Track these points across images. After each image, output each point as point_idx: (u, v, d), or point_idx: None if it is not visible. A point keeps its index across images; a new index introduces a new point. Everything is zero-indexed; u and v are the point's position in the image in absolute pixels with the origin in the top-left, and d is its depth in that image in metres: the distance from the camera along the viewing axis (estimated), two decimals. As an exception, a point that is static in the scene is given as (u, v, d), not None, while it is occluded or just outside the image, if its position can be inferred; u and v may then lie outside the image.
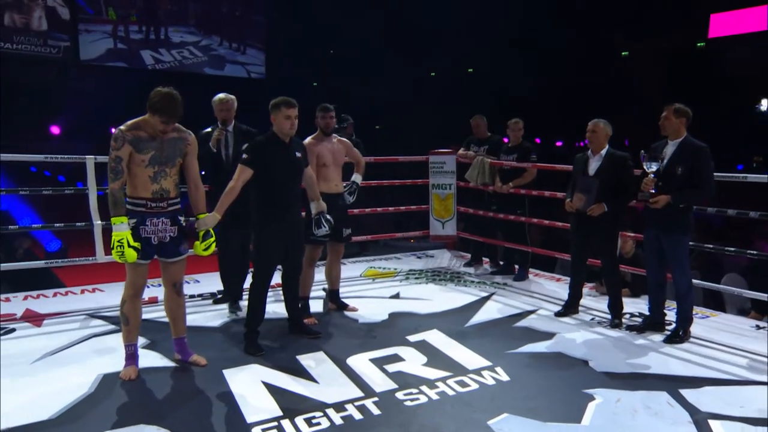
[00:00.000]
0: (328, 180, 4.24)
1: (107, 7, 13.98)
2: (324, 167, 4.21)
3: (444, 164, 6.38)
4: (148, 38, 14.63)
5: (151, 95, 3.11)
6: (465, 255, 6.45)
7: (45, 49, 12.40)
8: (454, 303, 4.69)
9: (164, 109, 3.09)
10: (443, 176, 6.39)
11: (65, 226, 4.77)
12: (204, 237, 3.34)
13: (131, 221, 3.14)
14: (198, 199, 3.35)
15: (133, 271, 3.20)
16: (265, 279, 3.70)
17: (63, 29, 12.82)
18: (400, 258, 6.44)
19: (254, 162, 3.55)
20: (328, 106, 4.32)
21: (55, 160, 4.66)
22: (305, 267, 4.13)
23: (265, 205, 3.64)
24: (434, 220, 6.47)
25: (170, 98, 3.09)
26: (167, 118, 3.10)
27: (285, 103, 3.61)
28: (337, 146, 4.34)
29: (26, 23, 12.35)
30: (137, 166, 3.12)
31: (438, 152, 6.43)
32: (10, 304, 4.57)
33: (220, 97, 4.31)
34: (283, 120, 3.61)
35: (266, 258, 3.67)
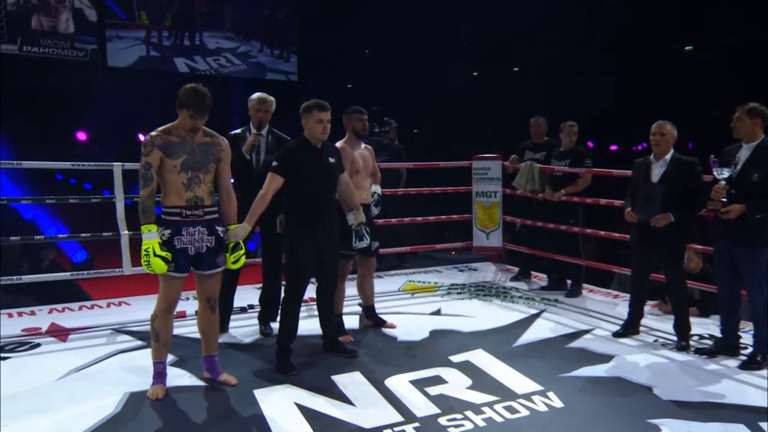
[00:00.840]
0: (361, 188, 4.23)
1: (140, 11, 14.00)
2: (357, 174, 4.21)
3: (489, 170, 6.33)
4: (182, 44, 14.56)
5: (178, 92, 3.19)
6: (512, 268, 6.40)
7: (72, 52, 12.79)
8: (500, 321, 4.63)
9: (190, 102, 3.15)
10: (488, 183, 6.34)
11: (91, 237, 4.88)
12: (234, 249, 3.37)
13: (165, 231, 3.18)
14: (229, 208, 3.38)
15: (167, 284, 3.24)
16: (298, 294, 3.70)
17: (90, 31, 13.18)
18: (441, 271, 6.41)
19: (285, 169, 3.57)
20: (361, 108, 4.32)
21: (82, 167, 4.79)
22: (339, 283, 4.13)
23: (298, 215, 3.65)
24: (478, 230, 6.42)
25: (196, 92, 3.16)
26: (194, 111, 3.15)
27: (317, 106, 3.63)
28: (366, 152, 4.35)
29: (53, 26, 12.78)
30: (169, 172, 3.17)
31: (482, 157, 6.39)
32: (35, 318, 4.70)
33: (259, 97, 4.22)
34: (314, 124, 3.62)
35: (299, 271, 3.67)
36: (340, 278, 4.18)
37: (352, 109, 4.30)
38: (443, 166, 6.49)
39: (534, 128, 5.90)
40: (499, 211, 6.33)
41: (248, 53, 15.29)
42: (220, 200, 3.38)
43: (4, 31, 11.94)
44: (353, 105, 4.35)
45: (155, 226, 3.16)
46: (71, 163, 4.86)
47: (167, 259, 3.14)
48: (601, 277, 5.91)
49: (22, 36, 12.10)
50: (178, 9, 14.60)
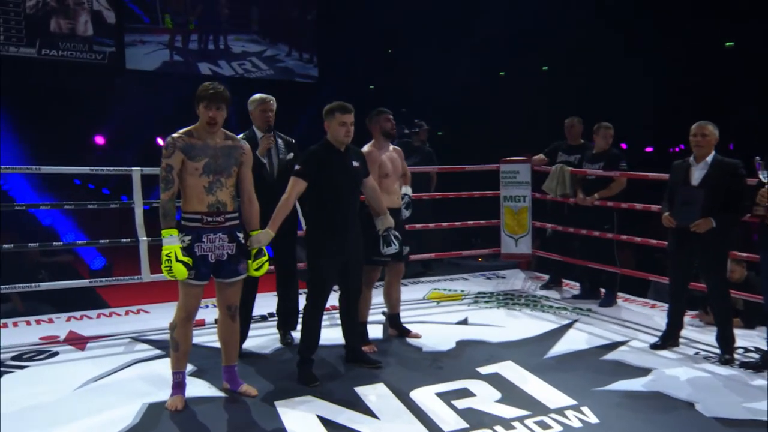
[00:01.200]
0: (390, 192, 4.24)
1: (164, 15, 13.95)
2: (385, 178, 4.21)
3: (517, 174, 6.29)
4: (206, 48, 14.43)
5: (197, 91, 3.25)
6: (542, 276, 6.34)
7: (90, 55, 12.99)
8: (530, 331, 4.59)
9: (205, 94, 3.20)
10: (516, 187, 6.30)
11: (110, 243, 4.94)
12: (256, 256, 3.37)
13: (186, 238, 3.20)
14: (251, 214, 3.40)
15: (187, 292, 3.26)
16: (320, 302, 3.70)
17: (108, 34, 13.33)
18: (468, 279, 6.39)
19: (308, 173, 3.58)
20: (386, 109, 4.32)
21: (100, 172, 4.85)
22: (363, 289, 4.12)
23: (320, 220, 3.66)
24: (506, 236, 6.38)
25: (210, 85, 3.23)
26: (207, 101, 3.19)
27: (340, 108, 3.64)
28: (394, 155, 4.35)
29: (72, 28, 13.00)
30: (191, 175, 3.19)
31: (510, 160, 6.35)
32: (53, 326, 4.77)
33: (262, 97, 4.17)
34: (337, 127, 3.63)
35: (321, 278, 3.67)
36: (367, 285, 4.18)
37: (377, 110, 4.30)
38: (469, 170, 6.47)
39: (569, 129, 5.85)
40: (528, 217, 6.28)
41: (275, 57, 15.05)
42: (241, 205, 3.40)
43: (23, 34, 12.17)
44: (375, 107, 4.36)
45: (176, 231, 3.18)
46: (90, 168, 4.93)
47: (189, 264, 3.16)
48: (637, 285, 5.82)
49: (40, 39, 12.32)
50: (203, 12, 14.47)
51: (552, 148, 6.02)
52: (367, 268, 4.13)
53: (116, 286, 5.39)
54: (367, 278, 4.17)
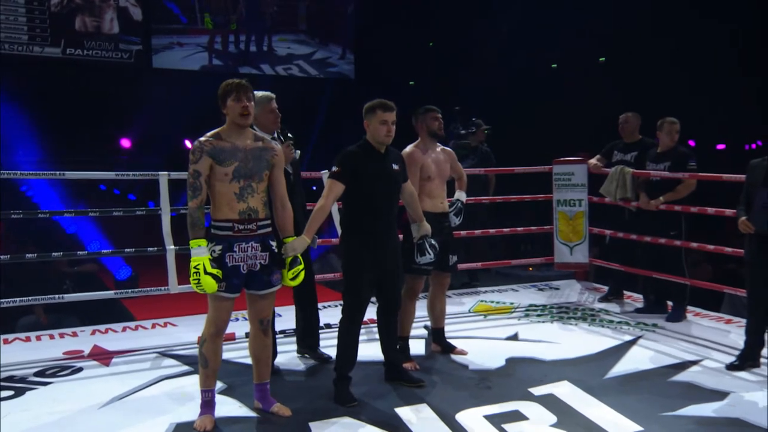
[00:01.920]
0: (433, 196, 4.23)
1: (203, 14, 13.78)
2: (428, 181, 4.20)
3: (572, 175, 6.21)
4: (248, 51, 14.05)
5: (218, 91, 3.29)
6: (601, 287, 6.27)
7: (116, 54, 13.28)
8: (588, 348, 4.53)
9: (231, 87, 3.24)
10: (571, 190, 6.22)
11: (135, 252, 5.04)
12: (291, 264, 3.40)
13: (216, 248, 3.23)
14: (285, 220, 3.42)
15: (217, 305, 3.29)
16: (357, 315, 3.71)
17: (134, 31, 13.60)
18: (518, 290, 6.35)
19: (346, 175, 3.59)
20: (434, 106, 4.31)
21: (126, 177, 4.95)
22: (405, 301, 4.14)
23: (357, 227, 3.68)
24: (560, 243, 6.31)
25: (233, 80, 3.28)
26: (236, 92, 3.23)
27: (381, 105, 3.66)
28: (442, 156, 4.34)
29: (98, 26, 13.33)
30: (220, 181, 3.23)
31: (564, 161, 6.29)
32: (77, 340, 4.88)
33: (267, 95, 3.99)
34: (378, 126, 3.64)
35: (357, 290, 3.67)
36: (409, 297, 4.19)
37: (424, 108, 4.29)
38: (519, 172, 6.43)
39: (623, 126, 5.75)
40: (584, 222, 6.21)
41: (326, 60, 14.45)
42: (274, 211, 3.42)
43: (47, 33, 12.51)
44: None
45: (205, 241, 3.21)
46: (115, 173, 5.03)
47: (218, 277, 3.19)
48: (710, 298, 5.68)
49: (65, 38, 12.63)
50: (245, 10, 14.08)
51: (608, 148, 5.94)
52: (408, 278, 4.15)
53: (142, 298, 5.50)
54: (408, 289, 4.18)
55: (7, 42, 11.86)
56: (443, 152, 4.37)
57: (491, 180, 6.89)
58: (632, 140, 5.74)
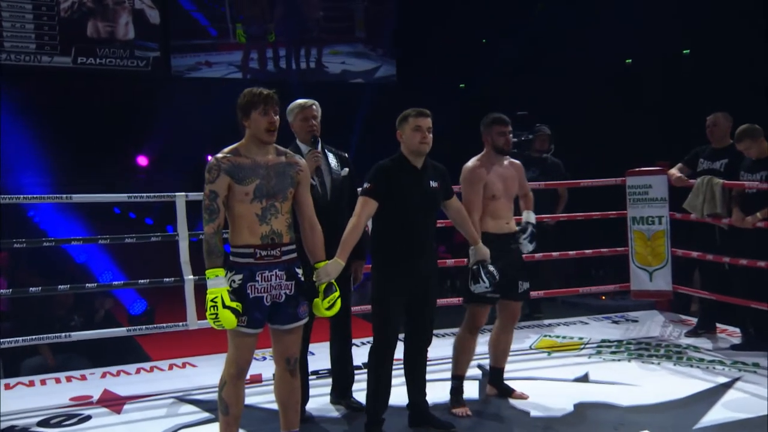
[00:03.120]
0: (498, 217, 4.23)
1: (235, 24, 13.09)
2: (493, 200, 4.20)
3: (650, 188, 6.15)
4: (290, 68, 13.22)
5: (238, 100, 3.32)
6: (688, 320, 6.19)
7: (131, 62, 13.51)
8: (673, 392, 4.44)
9: (258, 98, 3.26)
10: (649, 205, 6.17)
11: (150, 284, 5.12)
12: (326, 292, 3.41)
13: (236, 277, 3.26)
14: (315, 242, 3.44)
15: (238, 342, 3.30)
16: (389, 349, 3.75)
17: (152, 36, 13.76)
18: (588, 323, 6.32)
19: (380, 191, 3.64)
20: (502, 117, 4.29)
21: (138, 199, 5.04)
22: (464, 334, 4.19)
23: (388, 249, 3.74)
24: (637, 268, 6.24)
25: (256, 89, 3.29)
26: (263, 104, 3.25)
27: (414, 112, 3.73)
28: (510, 171, 4.35)
29: (111, 32, 13.60)
30: (240, 202, 3.26)
31: (640, 171, 6.24)
32: (85, 384, 4.95)
33: (302, 103, 4.18)
34: (411, 133, 3.70)
35: (387, 320, 3.73)
36: (469, 330, 4.20)
37: (491, 117, 4.29)
38: (587, 185, 6.38)
39: (711, 129, 5.66)
40: (666, 243, 6.13)
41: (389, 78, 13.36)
42: (302, 233, 3.45)
43: (57, 41, 12.82)
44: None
45: (223, 271, 3.24)
46: (127, 195, 5.13)
47: (238, 311, 3.21)
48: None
49: (76, 45, 12.92)
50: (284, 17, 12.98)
51: (693, 155, 5.85)
52: (469, 308, 4.17)
53: (158, 335, 5.56)
54: (468, 320, 4.19)
55: (14, 52, 12.15)
56: (512, 166, 4.36)
57: (562, 195, 6.82)
58: (722, 146, 5.64)
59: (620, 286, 6.50)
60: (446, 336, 5.64)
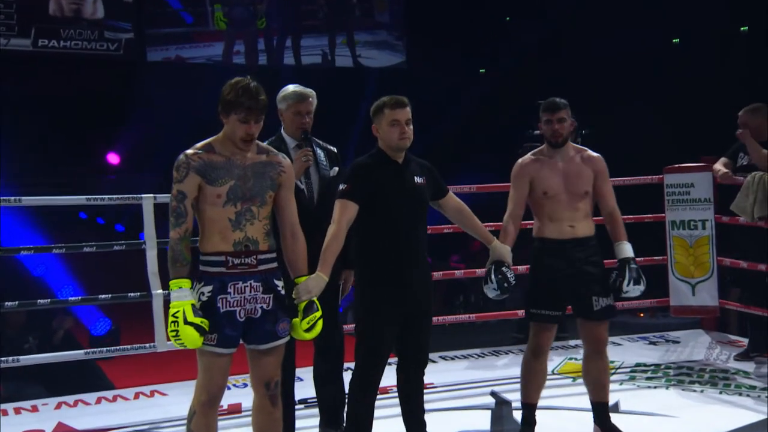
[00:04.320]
0: (557, 218, 4.15)
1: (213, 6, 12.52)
2: (547, 199, 4.15)
3: (691, 187, 6.17)
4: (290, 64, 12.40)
5: (221, 91, 3.30)
6: (738, 341, 6.18)
7: (101, 44, 13.47)
8: (719, 424, 4.44)
9: (240, 101, 3.24)
10: (691, 207, 6.19)
11: (113, 299, 5.11)
12: (306, 311, 3.39)
13: (205, 289, 3.26)
14: (296, 253, 3.44)
15: (208, 364, 3.30)
16: (376, 377, 3.75)
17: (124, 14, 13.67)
18: (621, 344, 6.31)
19: (358, 191, 3.66)
20: (551, 103, 4.19)
21: (100, 202, 5.05)
22: (527, 356, 4.19)
23: (373, 258, 3.74)
24: (677, 280, 6.27)
25: (246, 88, 3.25)
26: (246, 113, 3.24)
27: (390, 103, 3.72)
28: (576, 167, 4.21)
29: (77, 10, 13.53)
30: (211, 205, 3.27)
31: (680, 168, 6.26)
32: (37, 416, 4.90)
33: (299, 93, 4.16)
34: (387, 128, 3.71)
35: (374, 342, 3.73)
36: (532, 352, 4.17)
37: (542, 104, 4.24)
38: (619, 184, 6.26)
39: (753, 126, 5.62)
40: (711, 251, 6.15)
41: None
42: (282, 242, 3.45)
43: (14, 21, 12.74)
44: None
45: (188, 282, 3.24)
46: (86, 197, 5.14)
47: (203, 327, 3.19)
48: None
49: (36, 27, 12.87)
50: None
51: (733, 150, 5.85)
52: (534, 327, 4.15)
53: (123, 359, 5.59)
54: (531, 340, 4.19)
55: (-37, 34, 12.13)
56: (584, 161, 4.24)
57: None
58: (764, 139, 5.61)
59: (658, 301, 6.51)
60: (452, 359, 5.65)
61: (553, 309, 4.06)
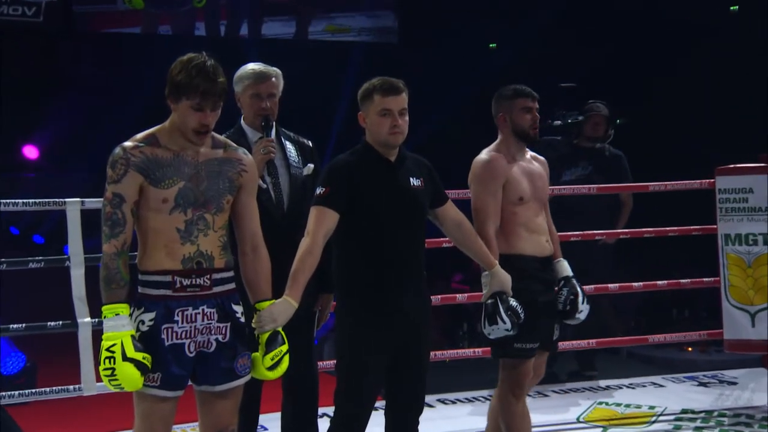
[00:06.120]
0: (533, 230, 4.25)
1: None
2: (521, 205, 4.23)
3: (750, 193, 6.18)
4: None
5: (170, 70, 3.29)
6: None
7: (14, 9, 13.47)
8: None
9: (193, 84, 3.23)
10: (750, 218, 6.20)
11: (28, 330, 5.07)
12: (270, 344, 3.40)
13: (146, 316, 3.26)
14: (258, 272, 3.46)
15: (147, 410, 3.29)
16: (357, 423, 3.79)
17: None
18: (664, 385, 6.39)
19: (339, 197, 3.67)
20: (527, 89, 4.30)
21: (13, 207, 5.03)
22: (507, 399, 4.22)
23: (357, 279, 3.77)
24: (733, 308, 6.26)
25: (200, 67, 3.24)
26: (200, 99, 3.23)
27: (382, 87, 3.74)
28: (536, 167, 4.39)
29: (-15, -32, 13.60)
30: (155, 211, 3.27)
31: (735, 169, 6.27)
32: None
33: (257, 72, 4.20)
34: (377, 118, 3.74)
35: (357, 383, 3.76)
36: (512, 391, 4.22)
37: (511, 89, 4.31)
38: (657, 189, 6.42)
39: None
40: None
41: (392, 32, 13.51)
42: (240, 258, 3.47)
43: None
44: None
45: (127, 307, 3.24)
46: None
47: (146, 365, 3.19)
48: None
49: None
50: None
51: None
52: (506, 364, 4.20)
53: (40, 405, 5.53)
54: (508, 381, 4.22)
55: None
56: (536, 162, 4.41)
57: (624, 203, 6.83)
58: None
59: (709, 334, 6.55)
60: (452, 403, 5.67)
61: (533, 340, 4.11)
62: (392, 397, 3.89)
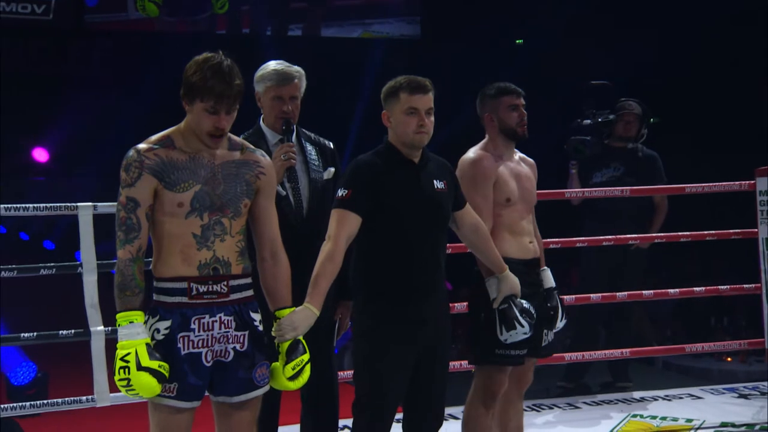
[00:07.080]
0: (518, 232, 4.29)
1: None
2: (508, 207, 4.26)
3: (792, 194, 6.13)
4: None
5: (185, 71, 3.29)
6: None
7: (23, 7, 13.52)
8: None
9: (208, 86, 3.23)
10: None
11: (39, 338, 5.10)
12: (290, 353, 3.41)
13: (161, 324, 3.28)
14: (278, 279, 3.46)
15: (164, 422, 3.31)
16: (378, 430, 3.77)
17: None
18: (702, 397, 6.34)
19: (361, 200, 3.68)
20: (513, 86, 4.35)
21: (23, 212, 5.05)
22: (476, 408, 4.21)
23: (378, 285, 3.77)
24: (778, 316, 6.20)
25: (215, 68, 3.24)
26: (215, 101, 3.23)
27: (408, 85, 3.75)
28: (525, 169, 4.42)
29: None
30: (171, 216, 3.28)
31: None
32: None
33: (280, 72, 4.18)
34: (403, 117, 3.75)
35: (379, 391, 3.75)
36: (483, 402, 4.22)
37: (495, 87, 4.35)
38: (694, 191, 6.40)
39: None
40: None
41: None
42: (259, 264, 3.47)
43: None
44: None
45: (141, 315, 3.25)
46: (5, 205, 5.10)
47: (163, 374, 3.20)
48: None
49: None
50: None
51: None
52: (481, 372, 4.21)
53: (52, 416, 5.57)
54: (483, 388, 4.22)
55: None
56: (525, 163, 4.45)
57: (659, 206, 6.81)
58: None
59: (750, 343, 6.52)
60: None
61: (521, 347, 4.10)
62: (411, 408, 3.89)
